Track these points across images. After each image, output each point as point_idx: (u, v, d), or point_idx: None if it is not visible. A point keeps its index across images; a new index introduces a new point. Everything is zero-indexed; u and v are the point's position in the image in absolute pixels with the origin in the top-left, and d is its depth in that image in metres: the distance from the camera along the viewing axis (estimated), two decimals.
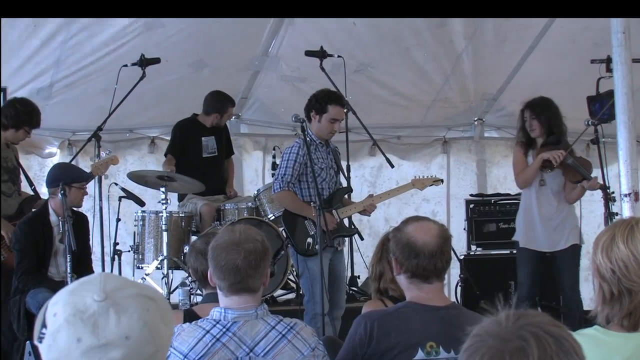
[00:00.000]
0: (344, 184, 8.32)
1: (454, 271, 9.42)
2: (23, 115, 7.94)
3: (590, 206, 9.45)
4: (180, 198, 9.46)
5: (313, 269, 7.56)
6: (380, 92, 10.79)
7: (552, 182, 8.06)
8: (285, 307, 8.40)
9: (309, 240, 7.61)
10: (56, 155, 10.04)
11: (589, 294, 8.50)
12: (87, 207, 8.36)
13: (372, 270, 5.09)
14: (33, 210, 7.80)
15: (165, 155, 9.58)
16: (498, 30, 10.08)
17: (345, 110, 8.09)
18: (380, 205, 11.13)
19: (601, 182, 7.93)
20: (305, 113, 7.72)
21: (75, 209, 7.49)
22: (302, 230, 7.67)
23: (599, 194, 8.04)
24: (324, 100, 7.63)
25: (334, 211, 7.71)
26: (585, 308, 8.15)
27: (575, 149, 8.19)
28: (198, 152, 9.51)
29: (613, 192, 7.80)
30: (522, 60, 10.53)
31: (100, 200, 8.38)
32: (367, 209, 7.94)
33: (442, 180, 8.58)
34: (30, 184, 8.35)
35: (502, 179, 11.48)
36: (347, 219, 8.03)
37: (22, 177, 8.41)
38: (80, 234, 7.34)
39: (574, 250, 8.04)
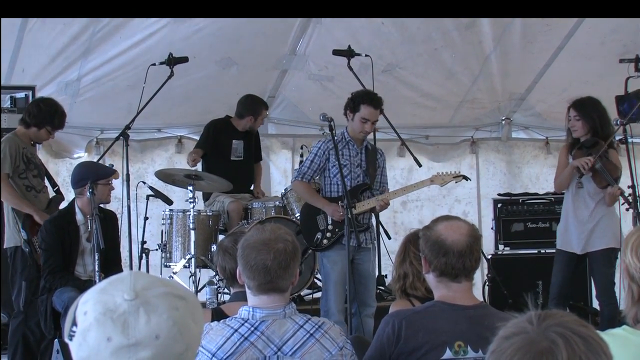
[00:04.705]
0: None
1: (482, 271, 9.38)
2: (46, 114, 7.98)
3: None
4: (206, 197, 9.48)
5: (326, 265, 7.63)
6: (408, 93, 10.76)
7: (589, 184, 7.86)
8: (312, 306, 8.36)
9: (318, 235, 7.69)
10: (84, 158, 10.04)
11: None
12: (114, 207, 8.40)
13: (396, 272, 5.06)
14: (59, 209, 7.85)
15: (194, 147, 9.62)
16: (526, 31, 10.05)
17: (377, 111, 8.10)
18: (413, 208, 11.17)
19: (629, 182, 7.86)
20: (344, 111, 7.75)
21: (103, 206, 7.53)
22: (313, 224, 7.73)
23: None
24: (357, 100, 7.67)
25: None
26: None
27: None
28: (226, 154, 9.53)
29: (629, 195, 7.71)
30: (550, 60, 10.49)
31: (128, 199, 8.41)
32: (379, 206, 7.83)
33: (465, 177, 8.09)
34: (54, 185, 8.38)
35: (534, 179, 11.46)
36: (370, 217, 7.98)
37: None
38: (108, 232, 7.36)
39: (608, 253, 7.81)
